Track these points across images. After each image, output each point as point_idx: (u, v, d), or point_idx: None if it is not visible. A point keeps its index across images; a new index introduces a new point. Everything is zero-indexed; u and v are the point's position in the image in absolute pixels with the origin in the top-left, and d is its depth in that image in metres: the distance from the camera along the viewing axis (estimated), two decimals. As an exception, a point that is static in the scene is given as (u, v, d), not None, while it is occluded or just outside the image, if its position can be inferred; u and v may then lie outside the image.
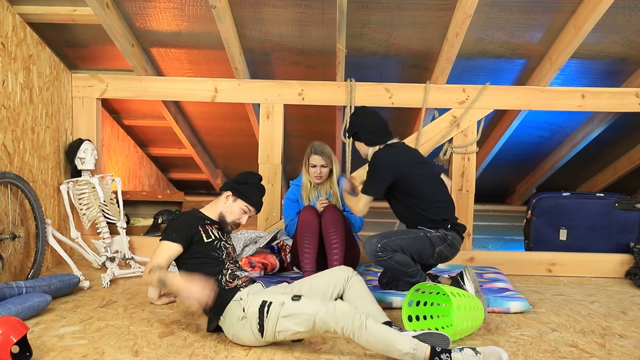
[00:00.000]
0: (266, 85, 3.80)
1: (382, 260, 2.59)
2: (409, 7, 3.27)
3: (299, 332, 2.08)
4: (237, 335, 2.19)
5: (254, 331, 2.13)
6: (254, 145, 4.05)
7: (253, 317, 2.13)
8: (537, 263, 3.73)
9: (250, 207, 2.49)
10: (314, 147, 3.20)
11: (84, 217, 3.50)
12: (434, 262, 2.78)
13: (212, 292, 2.18)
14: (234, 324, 2.19)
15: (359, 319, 1.97)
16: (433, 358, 1.92)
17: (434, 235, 2.66)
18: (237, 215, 2.48)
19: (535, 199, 3.92)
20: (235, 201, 2.47)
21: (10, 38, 3.08)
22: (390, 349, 1.93)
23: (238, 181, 2.51)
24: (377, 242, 2.58)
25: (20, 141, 3.17)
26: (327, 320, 1.99)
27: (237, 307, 2.19)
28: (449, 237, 2.69)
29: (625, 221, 3.75)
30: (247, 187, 2.49)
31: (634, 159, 4.77)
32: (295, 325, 2.06)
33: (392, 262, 2.58)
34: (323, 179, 3.20)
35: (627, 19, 3.31)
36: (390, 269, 2.62)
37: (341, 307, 2.01)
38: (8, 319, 1.99)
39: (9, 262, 2.99)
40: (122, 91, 3.85)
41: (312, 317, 2.01)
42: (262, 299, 2.15)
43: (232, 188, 2.49)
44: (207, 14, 3.37)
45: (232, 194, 2.48)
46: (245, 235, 3.47)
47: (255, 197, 2.50)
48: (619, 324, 2.63)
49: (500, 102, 3.76)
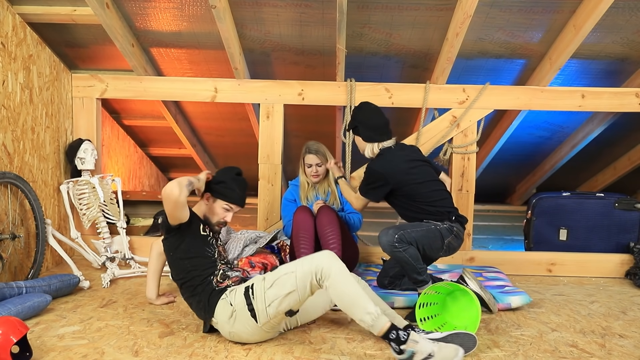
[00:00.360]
0: (266, 85, 3.80)
1: (398, 252, 2.59)
2: (409, 7, 3.27)
3: (288, 295, 2.07)
4: (233, 332, 2.20)
5: (247, 320, 2.15)
6: (254, 145, 4.05)
7: (242, 306, 2.15)
8: (537, 263, 3.73)
9: (231, 205, 2.47)
10: (308, 147, 3.22)
11: (84, 217, 3.50)
12: (443, 254, 2.78)
13: None
14: (227, 321, 2.20)
15: (337, 265, 2.00)
16: (391, 331, 1.97)
17: (442, 227, 2.69)
18: (220, 215, 2.47)
19: (535, 199, 3.92)
20: (215, 201, 2.47)
21: (10, 38, 3.08)
22: (355, 303, 1.95)
23: (215, 181, 2.49)
24: (395, 233, 2.59)
25: (20, 141, 3.18)
26: (306, 268, 2.03)
27: (225, 305, 2.22)
28: (455, 228, 2.72)
29: (625, 221, 3.75)
30: (224, 185, 2.47)
31: (634, 159, 4.77)
32: (281, 288, 2.08)
33: (407, 255, 2.59)
34: (320, 177, 3.22)
35: (627, 19, 3.31)
36: (403, 261, 2.62)
37: (319, 254, 2.07)
38: (8, 319, 1.99)
39: (9, 262, 2.99)
40: (122, 91, 3.86)
41: (292, 272, 2.05)
42: (244, 287, 2.20)
43: (209, 189, 2.48)
44: (207, 14, 3.37)
45: (211, 195, 2.47)
46: (245, 235, 3.47)
47: (233, 195, 2.47)
48: (619, 324, 2.63)
49: (500, 102, 3.77)
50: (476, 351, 2.21)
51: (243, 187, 2.53)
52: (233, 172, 2.54)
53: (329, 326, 2.50)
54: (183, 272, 2.35)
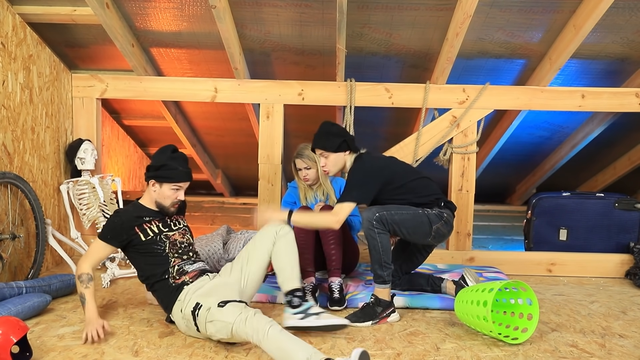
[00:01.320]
0: (266, 85, 3.80)
1: (372, 232, 2.52)
2: (409, 7, 3.27)
3: (222, 338, 2.14)
4: (186, 330, 2.32)
5: (192, 330, 2.26)
6: (254, 145, 4.05)
7: (189, 317, 2.24)
8: (537, 263, 3.73)
9: (177, 184, 2.47)
10: (297, 151, 3.20)
11: (84, 217, 3.50)
12: (432, 242, 2.73)
13: (102, 330, 2.24)
14: (181, 321, 2.31)
15: (263, 329, 1.99)
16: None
17: (430, 213, 2.63)
18: (172, 197, 2.48)
19: (535, 199, 3.92)
20: (161, 186, 2.47)
21: (10, 38, 3.08)
22: (288, 357, 1.93)
23: (154, 166, 2.48)
24: (377, 211, 2.53)
25: (20, 141, 3.18)
26: (240, 330, 2.04)
27: (179, 307, 2.32)
28: (444, 214, 2.66)
29: (625, 221, 3.75)
30: (165, 167, 2.45)
31: (634, 159, 4.76)
32: (217, 331, 2.13)
33: (379, 241, 2.53)
34: (311, 180, 3.19)
35: (627, 19, 3.31)
36: (372, 247, 2.54)
37: (251, 319, 2.03)
38: (8, 319, 1.99)
39: (9, 262, 2.99)
40: (122, 91, 3.86)
41: (229, 325, 2.07)
42: (196, 301, 2.24)
43: (151, 176, 2.47)
44: (207, 14, 3.37)
45: (155, 181, 2.47)
46: (245, 235, 3.47)
47: (176, 174, 2.46)
48: (619, 324, 2.63)
49: (500, 102, 3.76)
50: (476, 351, 2.21)
51: (184, 162, 2.50)
52: (168, 151, 2.50)
53: (329, 326, 2.50)
54: (139, 269, 2.47)
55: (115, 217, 2.46)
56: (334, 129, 2.78)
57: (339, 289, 2.81)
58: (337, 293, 2.79)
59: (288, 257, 2.43)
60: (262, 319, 2.04)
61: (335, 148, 2.73)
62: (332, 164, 2.77)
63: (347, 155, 2.77)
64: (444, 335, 2.41)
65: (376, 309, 2.56)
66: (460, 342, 2.32)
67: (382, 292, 2.59)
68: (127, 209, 2.52)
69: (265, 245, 2.45)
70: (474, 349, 2.24)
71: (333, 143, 2.72)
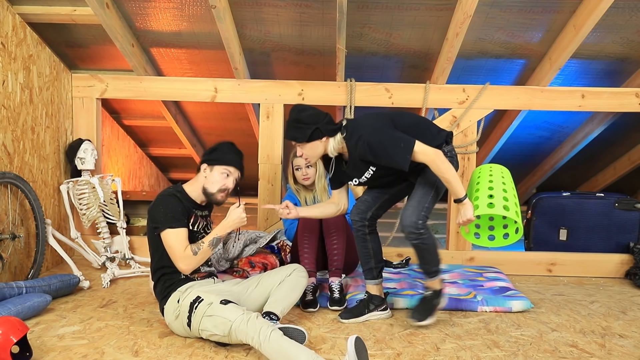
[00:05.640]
0: (266, 85, 3.80)
1: (423, 238, 2.37)
2: (409, 7, 3.27)
3: (217, 335, 2.13)
4: (171, 324, 2.31)
5: (183, 323, 2.23)
6: (254, 145, 4.05)
7: (184, 310, 2.22)
8: (537, 263, 3.73)
9: (229, 168, 2.44)
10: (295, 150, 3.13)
11: (84, 217, 3.50)
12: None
13: (242, 208, 2.36)
14: (171, 313, 2.29)
15: (265, 331, 1.99)
16: None
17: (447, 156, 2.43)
18: (220, 182, 2.43)
19: (535, 199, 3.92)
20: (212, 169, 2.45)
21: (10, 38, 3.08)
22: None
23: (208, 152, 2.49)
24: (418, 214, 2.36)
25: (20, 141, 3.17)
26: (239, 330, 2.04)
27: (175, 299, 2.29)
28: (453, 152, 2.55)
29: (625, 221, 3.75)
30: (218, 151, 2.46)
31: (634, 159, 4.77)
32: (214, 327, 2.12)
33: (431, 243, 2.43)
34: (312, 178, 3.17)
35: (627, 19, 3.31)
36: (425, 251, 2.42)
37: (253, 320, 2.04)
38: (8, 319, 1.99)
39: (9, 262, 2.99)
40: (122, 91, 3.85)
41: (229, 322, 2.06)
42: (197, 294, 2.23)
43: (204, 160, 2.47)
44: (207, 14, 3.37)
45: (207, 165, 2.46)
46: (245, 235, 3.46)
47: (230, 156, 2.45)
48: (619, 324, 2.63)
49: (500, 102, 3.77)
50: (476, 351, 2.21)
51: (238, 152, 2.49)
52: (226, 142, 2.52)
53: (329, 326, 2.50)
54: (157, 257, 2.38)
55: (171, 198, 2.36)
56: (304, 115, 2.43)
57: (339, 289, 2.81)
58: (337, 293, 2.79)
59: (289, 291, 2.42)
60: (265, 322, 2.05)
61: (307, 138, 2.42)
62: (310, 153, 2.49)
63: (324, 141, 2.46)
64: (444, 335, 2.41)
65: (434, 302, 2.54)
66: (460, 342, 2.32)
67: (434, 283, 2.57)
68: (173, 193, 2.40)
69: (279, 277, 2.45)
70: (474, 349, 2.24)
71: (304, 133, 2.42)
